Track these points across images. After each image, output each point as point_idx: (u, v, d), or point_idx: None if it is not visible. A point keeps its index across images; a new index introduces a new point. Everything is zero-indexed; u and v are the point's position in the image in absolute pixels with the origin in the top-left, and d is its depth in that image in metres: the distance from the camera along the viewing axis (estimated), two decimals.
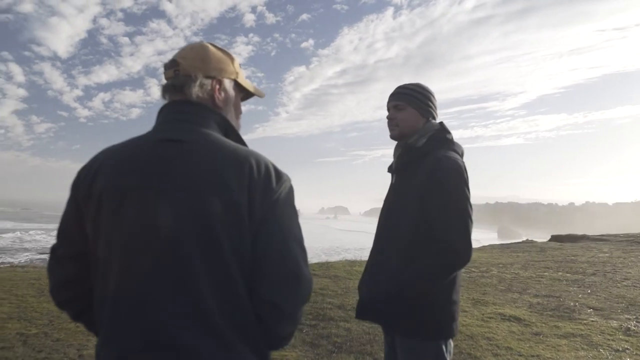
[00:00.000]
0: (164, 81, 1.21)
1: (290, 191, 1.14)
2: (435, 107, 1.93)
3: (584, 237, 14.30)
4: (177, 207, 1.03)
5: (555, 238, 15.03)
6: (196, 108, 1.16)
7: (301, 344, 4.13)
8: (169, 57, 1.23)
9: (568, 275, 7.53)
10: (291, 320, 1.12)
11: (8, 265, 10.25)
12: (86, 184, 1.10)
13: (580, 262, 8.91)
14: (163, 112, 1.19)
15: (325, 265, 8.59)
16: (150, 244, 1.03)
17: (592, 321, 4.83)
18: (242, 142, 1.21)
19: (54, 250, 1.18)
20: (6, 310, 5.02)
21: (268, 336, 1.11)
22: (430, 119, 1.91)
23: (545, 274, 7.68)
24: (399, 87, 1.94)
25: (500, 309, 5.28)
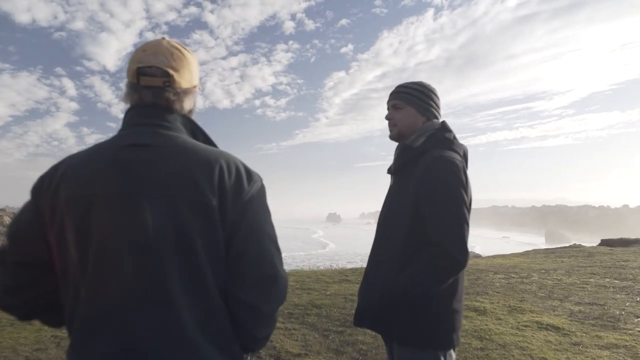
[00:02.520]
0: (140, 82, 1.12)
1: (262, 191, 1.13)
2: (437, 105, 1.85)
3: (637, 242, 13.49)
4: (146, 213, 1.00)
5: (605, 242, 14.29)
6: (163, 111, 1.13)
7: (326, 351, 4.06)
8: (211, 67, 1.21)
9: (616, 282, 7.10)
10: (269, 322, 1.12)
11: None
12: (50, 192, 1.07)
13: (631, 267, 8.39)
14: (128, 117, 1.15)
15: (359, 271, 8.48)
16: (120, 253, 1.00)
17: (639, 331, 4.52)
18: (211, 142, 1.18)
19: (2, 254, 1.12)
20: None
21: (244, 338, 1.10)
22: (431, 118, 1.83)
23: (591, 280, 7.27)
24: (399, 86, 1.88)
25: (538, 317, 5.02)
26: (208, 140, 1.19)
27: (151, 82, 1.12)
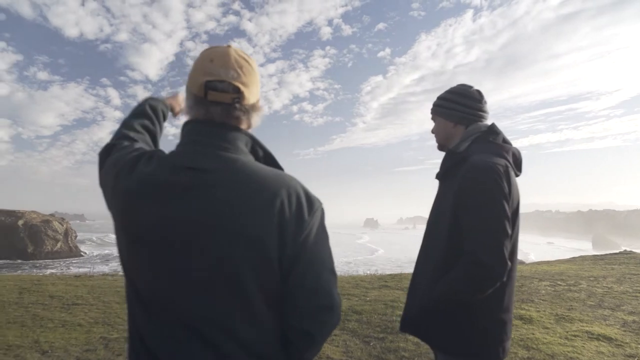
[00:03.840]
0: (208, 97, 1.06)
1: (322, 217, 1.09)
2: (470, 107, 1.79)
3: None
4: (198, 240, 0.99)
5: None
6: (225, 130, 1.08)
7: (367, 357, 4.02)
8: None
9: None
10: (319, 347, 1.11)
11: (100, 273, 11.07)
12: (124, 173, 1.10)
13: None
14: (187, 130, 1.11)
15: (398, 277, 8.39)
16: (171, 285, 1.01)
17: None
18: (274, 162, 1.15)
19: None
20: (93, 315, 5.40)
21: (293, 358, 1.10)
22: (463, 122, 1.80)
23: None
24: (435, 99, 1.91)
25: (588, 327, 4.82)
26: (269, 157, 1.14)
27: (221, 98, 1.05)
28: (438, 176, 1.87)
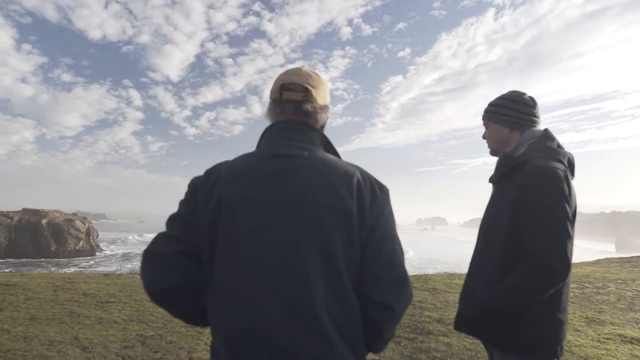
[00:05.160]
0: (283, 97, 1.27)
1: (390, 199, 1.23)
2: (523, 112, 1.84)
3: None
4: (294, 216, 1.11)
5: None
6: (304, 127, 1.27)
7: (399, 357, 4.06)
8: (270, 74, 1.31)
9: None
10: (396, 322, 1.19)
11: (129, 272, 11.28)
12: (206, 191, 1.18)
13: None
14: (269, 133, 1.28)
15: (423, 278, 8.39)
16: (268, 251, 1.10)
17: None
18: (340, 157, 1.29)
19: (166, 242, 1.18)
20: (128, 313, 5.54)
21: (373, 337, 1.17)
22: (519, 128, 1.85)
23: None
24: (487, 105, 1.96)
25: (620, 330, 4.78)
26: (338, 156, 1.30)
27: (292, 96, 1.26)
28: (492, 180, 1.91)
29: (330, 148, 1.30)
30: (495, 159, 1.91)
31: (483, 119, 1.96)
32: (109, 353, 4.14)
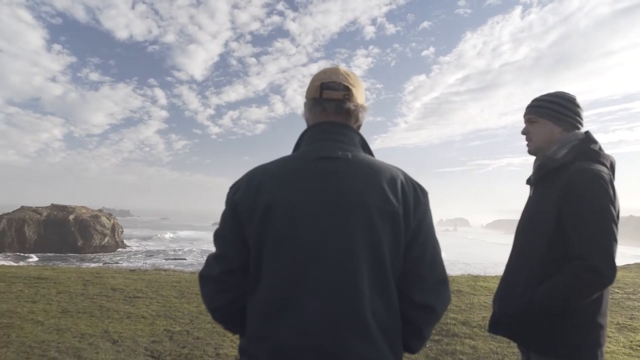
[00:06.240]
0: (323, 95, 1.25)
1: (429, 202, 1.23)
2: (576, 114, 1.80)
3: None
4: (345, 219, 1.11)
5: None
6: (344, 128, 1.26)
7: (425, 359, 4.05)
8: (292, 73, 1.31)
9: None
10: (435, 323, 1.20)
11: (153, 268, 11.47)
12: (249, 198, 1.17)
13: None
14: (309, 135, 1.27)
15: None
16: (322, 254, 1.10)
17: None
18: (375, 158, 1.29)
19: (219, 262, 1.22)
20: (155, 308, 5.65)
21: (413, 338, 1.19)
22: (569, 128, 1.80)
23: None
24: (533, 100, 1.88)
25: None
26: (373, 157, 1.29)
27: (333, 95, 1.25)
28: (531, 182, 1.88)
29: (367, 149, 1.30)
30: (523, 159, 1.90)
31: (530, 113, 1.86)
32: (138, 347, 4.22)
